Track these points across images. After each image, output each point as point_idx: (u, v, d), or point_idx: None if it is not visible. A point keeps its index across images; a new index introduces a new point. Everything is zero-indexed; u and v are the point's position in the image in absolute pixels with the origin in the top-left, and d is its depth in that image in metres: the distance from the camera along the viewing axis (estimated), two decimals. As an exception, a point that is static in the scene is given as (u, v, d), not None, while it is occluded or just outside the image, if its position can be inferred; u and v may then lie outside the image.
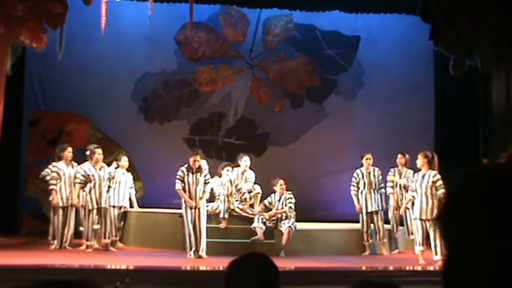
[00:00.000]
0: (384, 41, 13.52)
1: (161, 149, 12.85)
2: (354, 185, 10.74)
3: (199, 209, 9.56)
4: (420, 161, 9.36)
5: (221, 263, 8.10)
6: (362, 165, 10.78)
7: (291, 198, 10.37)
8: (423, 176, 9.21)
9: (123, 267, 8.34)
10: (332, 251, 10.30)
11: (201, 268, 8.60)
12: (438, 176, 9.13)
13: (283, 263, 8.23)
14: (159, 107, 13.23)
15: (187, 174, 9.62)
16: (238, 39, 13.56)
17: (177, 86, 13.33)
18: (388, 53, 13.47)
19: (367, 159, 10.77)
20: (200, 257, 9.37)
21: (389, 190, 10.85)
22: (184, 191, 9.58)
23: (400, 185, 10.82)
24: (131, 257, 9.48)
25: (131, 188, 10.98)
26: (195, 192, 9.59)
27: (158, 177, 12.44)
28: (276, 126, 13.45)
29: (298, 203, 10.52)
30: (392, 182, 10.87)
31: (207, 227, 9.63)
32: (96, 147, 10.25)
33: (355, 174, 10.79)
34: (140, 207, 11.28)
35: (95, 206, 9.99)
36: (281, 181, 10.46)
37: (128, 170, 10.93)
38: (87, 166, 10.09)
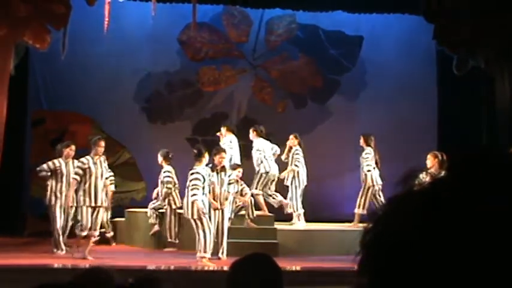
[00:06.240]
0: (387, 41, 13.48)
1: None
2: None
3: (223, 210, 9.30)
4: (430, 161, 9.30)
5: (224, 263, 8.11)
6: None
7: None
8: None
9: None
10: (334, 251, 10.25)
11: (204, 268, 8.60)
12: None
13: (284, 263, 8.21)
14: (161, 107, 13.23)
15: (212, 175, 9.29)
16: (241, 40, 13.54)
17: (180, 86, 13.32)
18: (391, 53, 13.43)
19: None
20: (219, 258, 9.02)
21: None
22: (209, 192, 9.23)
23: None
24: (133, 258, 9.47)
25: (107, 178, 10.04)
26: (220, 193, 9.26)
27: (161, 178, 12.42)
28: (278, 127, 13.42)
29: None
30: None
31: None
32: (99, 139, 9.55)
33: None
34: (143, 207, 11.26)
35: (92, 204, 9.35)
36: (240, 169, 10.31)
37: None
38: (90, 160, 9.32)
